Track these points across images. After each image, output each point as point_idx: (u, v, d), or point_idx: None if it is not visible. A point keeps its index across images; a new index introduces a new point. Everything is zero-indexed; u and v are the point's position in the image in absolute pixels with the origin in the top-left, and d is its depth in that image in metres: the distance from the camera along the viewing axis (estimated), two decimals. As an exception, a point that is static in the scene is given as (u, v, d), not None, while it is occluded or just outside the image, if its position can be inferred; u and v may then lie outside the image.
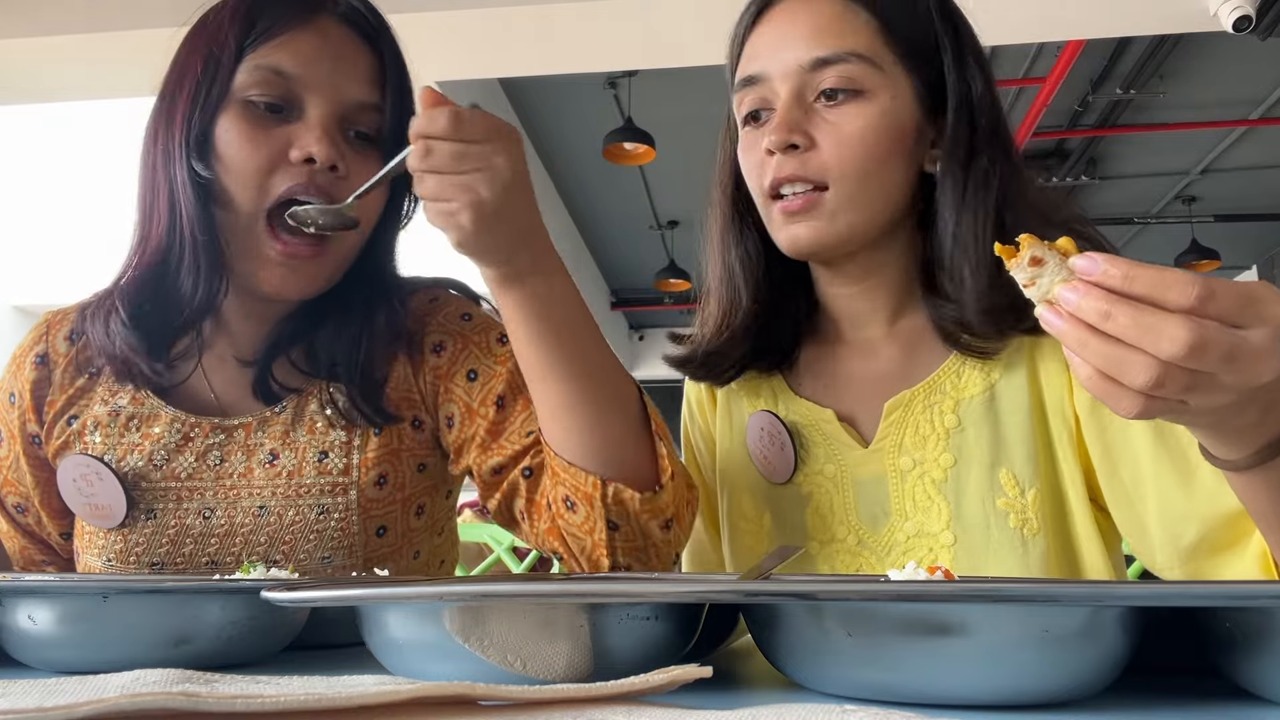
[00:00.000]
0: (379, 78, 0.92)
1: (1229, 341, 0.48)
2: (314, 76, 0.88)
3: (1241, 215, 6.05)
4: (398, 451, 0.95)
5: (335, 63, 0.89)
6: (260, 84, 0.87)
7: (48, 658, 0.59)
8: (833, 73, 0.85)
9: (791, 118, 0.85)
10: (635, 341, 8.88)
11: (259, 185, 0.86)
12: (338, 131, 0.89)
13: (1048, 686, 0.45)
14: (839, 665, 0.47)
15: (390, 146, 0.91)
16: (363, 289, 0.97)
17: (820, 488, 0.95)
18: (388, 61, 0.93)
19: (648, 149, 4.52)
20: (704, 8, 3.09)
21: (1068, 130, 4.91)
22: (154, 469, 0.92)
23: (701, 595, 0.49)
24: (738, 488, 1.02)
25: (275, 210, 0.87)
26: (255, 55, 0.87)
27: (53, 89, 3.78)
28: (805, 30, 0.87)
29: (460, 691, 0.41)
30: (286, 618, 0.63)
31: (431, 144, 0.72)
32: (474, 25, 3.31)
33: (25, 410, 0.97)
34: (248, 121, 0.87)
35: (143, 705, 0.36)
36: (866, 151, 0.85)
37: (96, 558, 0.93)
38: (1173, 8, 3.21)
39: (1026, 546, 0.85)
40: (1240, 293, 0.49)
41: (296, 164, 0.86)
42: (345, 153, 0.89)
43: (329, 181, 0.87)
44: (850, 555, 0.92)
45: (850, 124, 0.85)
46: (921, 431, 0.90)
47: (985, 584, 0.53)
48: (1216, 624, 0.47)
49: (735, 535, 1.01)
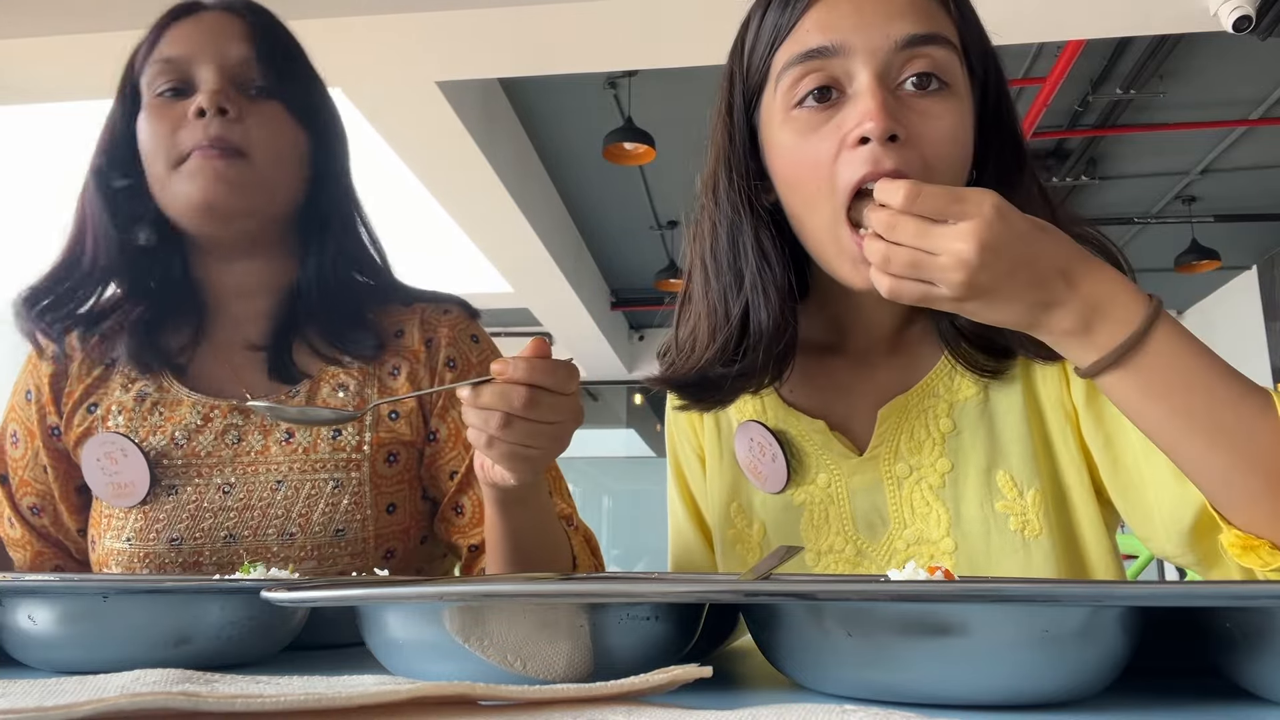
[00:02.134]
0: (260, 41, 0.99)
1: (917, 227, 0.65)
2: (196, 51, 0.97)
3: (1241, 215, 6.04)
4: (407, 437, 1.01)
5: (212, 35, 0.98)
6: (157, 76, 0.97)
7: (48, 658, 0.59)
8: (926, 55, 0.75)
9: (888, 103, 0.74)
10: (635, 342, 8.87)
11: (165, 155, 0.95)
12: (230, 87, 0.96)
13: (1048, 686, 0.45)
14: (839, 665, 0.47)
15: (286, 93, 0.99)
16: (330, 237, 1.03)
17: (814, 498, 0.92)
18: (254, 20, 1.01)
19: (648, 149, 4.51)
20: (704, 7, 3.09)
21: (1068, 130, 4.90)
22: (175, 448, 0.98)
23: (701, 595, 0.49)
24: (728, 498, 0.99)
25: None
26: (150, 58, 0.98)
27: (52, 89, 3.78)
28: (896, 6, 0.76)
29: (460, 691, 0.41)
30: (286, 618, 0.63)
31: (539, 395, 0.72)
32: (474, 25, 3.31)
33: (44, 403, 1.03)
34: (154, 108, 0.97)
35: (143, 705, 0.36)
36: (958, 153, 0.77)
37: (116, 539, 0.96)
38: (1173, 8, 3.21)
39: (1028, 549, 0.84)
40: (945, 193, 0.65)
41: (193, 121, 0.94)
42: (239, 102, 0.96)
43: (224, 127, 0.94)
44: (849, 566, 0.90)
45: (944, 119, 0.76)
46: (917, 437, 0.88)
47: (985, 584, 0.52)
48: (1216, 624, 0.47)
49: (728, 547, 0.98)
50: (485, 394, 0.72)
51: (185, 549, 0.95)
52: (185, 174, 0.94)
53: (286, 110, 0.99)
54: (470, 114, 4.13)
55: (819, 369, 0.94)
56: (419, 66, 3.54)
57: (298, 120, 1.00)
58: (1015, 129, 0.86)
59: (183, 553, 0.95)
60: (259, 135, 0.96)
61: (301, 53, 1.05)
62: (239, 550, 0.95)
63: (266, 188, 0.98)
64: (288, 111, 0.99)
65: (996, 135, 0.84)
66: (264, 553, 0.95)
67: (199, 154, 0.94)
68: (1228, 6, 3.07)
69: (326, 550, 0.96)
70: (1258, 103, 4.71)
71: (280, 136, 0.98)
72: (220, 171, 0.94)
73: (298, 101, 1.00)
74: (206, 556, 0.95)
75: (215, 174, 0.93)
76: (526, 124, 5.00)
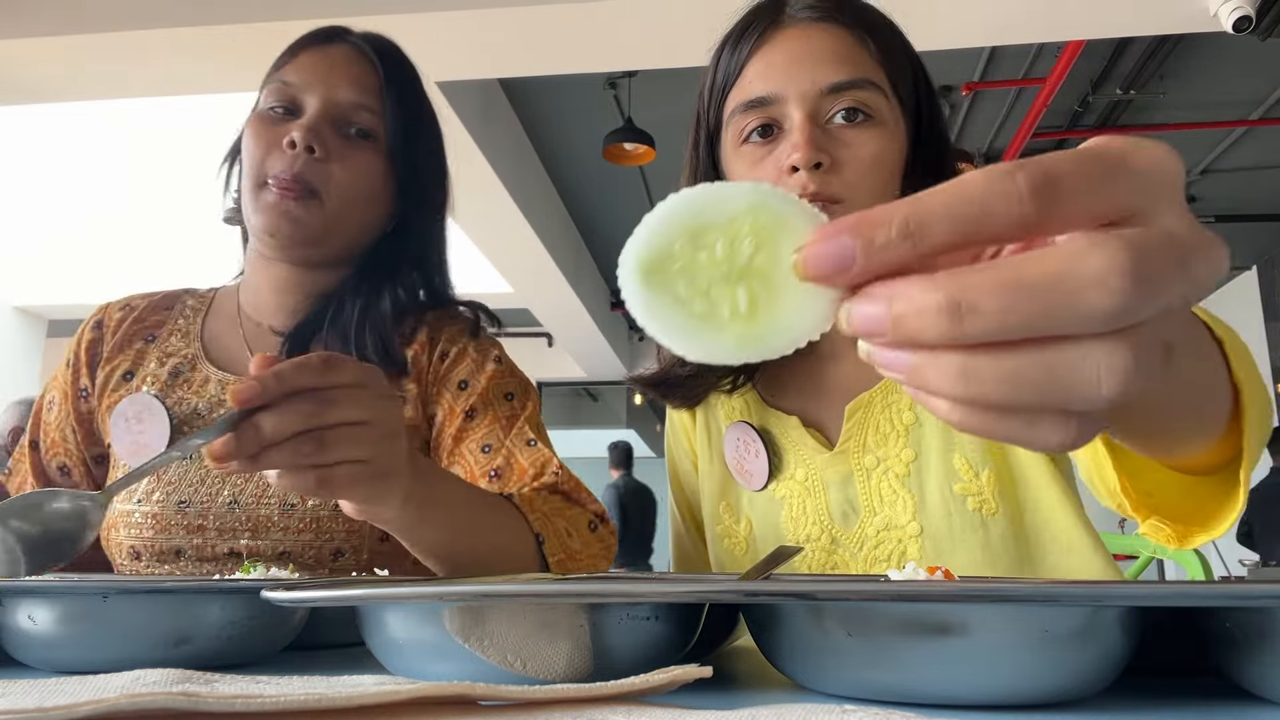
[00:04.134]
0: (376, 84, 1.05)
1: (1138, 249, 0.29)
2: (311, 81, 1.03)
3: (1241, 215, 6.05)
4: (413, 421, 1.05)
5: (331, 70, 1.04)
6: (271, 94, 1.04)
7: (48, 658, 0.59)
8: (849, 97, 0.89)
9: (814, 136, 0.88)
10: (635, 342, 8.88)
11: (255, 172, 1.01)
12: (328, 125, 1.02)
13: (1047, 686, 0.45)
14: (839, 665, 0.47)
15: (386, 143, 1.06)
16: (386, 270, 1.09)
17: (793, 492, 0.99)
18: (386, 71, 1.06)
19: (648, 149, 4.52)
20: (704, 8, 3.09)
21: (1068, 130, 4.91)
22: (196, 417, 1.05)
23: (701, 595, 0.49)
24: (718, 498, 1.06)
25: None
26: (275, 75, 1.05)
27: (51, 90, 3.78)
28: (822, 57, 0.90)
29: (460, 691, 0.41)
30: (286, 618, 0.63)
31: (331, 393, 0.61)
32: (474, 25, 3.31)
33: (80, 367, 1.11)
34: (257, 124, 1.03)
35: (143, 705, 0.36)
36: (879, 173, 0.89)
37: (127, 500, 1.01)
38: (1173, 8, 3.22)
39: (986, 526, 0.89)
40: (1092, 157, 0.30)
41: (284, 149, 1.00)
42: (331, 141, 1.02)
43: (307, 164, 1.00)
44: (825, 553, 0.97)
45: (866, 146, 0.89)
46: (882, 430, 0.95)
47: (985, 584, 0.53)
48: (1216, 624, 0.47)
49: (717, 543, 1.05)
50: (269, 421, 0.59)
51: (192, 513, 0.99)
52: (263, 200, 1.00)
53: (379, 155, 1.04)
54: (470, 114, 4.14)
55: (791, 369, 1.03)
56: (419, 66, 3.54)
57: (389, 163, 1.05)
58: (942, 132, 0.98)
59: (188, 516, 0.99)
60: (340, 177, 1.01)
61: (418, 94, 1.10)
62: (241, 517, 0.99)
63: (336, 229, 1.04)
64: (380, 156, 1.04)
65: (930, 140, 0.96)
66: (264, 521, 0.98)
67: (277, 187, 0.99)
68: (1228, 6, 3.07)
69: (325, 524, 0.98)
70: (1258, 103, 4.71)
71: (362, 180, 1.03)
72: (289, 210, 1.00)
73: (396, 145, 1.05)
74: (210, 521, 0.99)
75: (285, 211, 1.00)
76: (526, 124, 5.00)
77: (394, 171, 1.06)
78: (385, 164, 1.05)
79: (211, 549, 0.99)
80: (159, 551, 0.99)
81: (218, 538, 0.99)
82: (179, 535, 0.99)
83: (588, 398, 10.28)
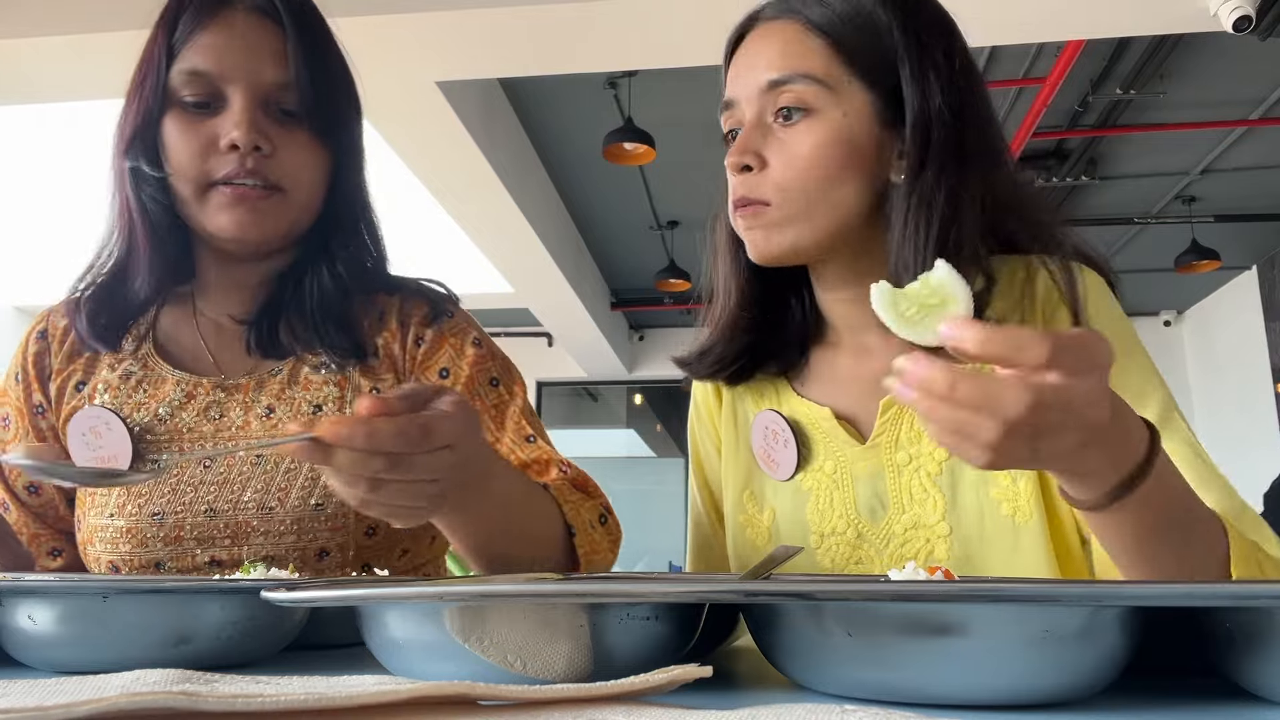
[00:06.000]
0: (285, 49, 0.98)
1: (1065, 395, 0.53)
2: (228, 69, 0.95)
3: (1241, 215, 6.04)
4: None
5: (245, 51, 0.96)
6: (185, 86, 0.95)
7: (48, 658, 0.59)
8: (784, 93, 0.89)
9: (748, 139, 0.90)
10: (635, 342, 8.87)
11: (196, 177, 0.95)
12: (260, 113, 0.96)
13: (1048, 686, 0.45)
14: (839, 665, 0.47)
15: (317, 120, 0.99)
16: (336, 240, 1.04)
17: (820, 484, 0.98)
18: (296, 36, 0.98)
19: (648, 149, 4.51)
20: (704, 8, 3.09)
21: (1068, 130, 4.90)
22: (158, 423, 0.99)
23: (701, 595, 0.49)
24: (741, 486, 1.05)
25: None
26: (179, 59, 0.96)
27: (51, 90, 3.78)
28: (767, 55, 0.91)
29: (460, 691, 0.41)
30: (286, 618, 0.63)
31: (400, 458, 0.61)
32: (474, 25, 3.31)
33: (30, 382, 1.05)
34: (182, 120, 0.96)
35: (143, 705, 0.36)
36: (813, 169, 0.88)
37: (100, 515, 0.98)
38: (1173, 8, 3.21)
39: (1018, 533, 0.88)
40: (1079, 343, 0.54)
41: (225, 152, 0.94)
42: (271, 132, 0.96)
43: (258, 162, 0.95)
44: (850, 548, 0.96)
45: (800, 143, 0.88)
46: (916, 427, 0.93)
47: (985, 584, 0.53)
48: (1216, 624, 0.47)
49: (739, 532, 1.04)
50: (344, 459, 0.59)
51: (168, 523, 0.96)
52: (217, 204, 0.95)
53: (314, 135, 0.99)
54: (470, 114, 4.13)
55: (828, 361, 1.02)
56: (419, 66, 3.54)
57: (322, 143, 1.00)
58: (975, 109, 0.90)
59: (165, 527, 0.96)
60: (292, 166, 0.97)
61: (334, 54, 1.03)
62: (219, 524, 0.95)
63: (299, 216, 1.00)
64: (315, 136, 0.99)
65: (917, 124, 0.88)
66: (243, 527, 0.95)
67: (233, 189, 0.94)
68: (1228, 6, 3.07)
69: (306, 524, 0.95)
70: (1258, 103, 4.71)
71: (311, 166, 1.00)
72: (256, 206, 0.95)
73: (326, 123, 1.00)
74: (188, 531, 0.96)
75: (250, 209, 0.95)
76: (526, 124, 5.00)
77: (327, 147, 1.01)
78: (319, 142, 1.00)
79: (192, 559, 0.96)
80: (138, 565, 0.96)
81: (197, 547, 0.95)
82: (156, 547, 0.96)
83: (588, 398, 10.28)
